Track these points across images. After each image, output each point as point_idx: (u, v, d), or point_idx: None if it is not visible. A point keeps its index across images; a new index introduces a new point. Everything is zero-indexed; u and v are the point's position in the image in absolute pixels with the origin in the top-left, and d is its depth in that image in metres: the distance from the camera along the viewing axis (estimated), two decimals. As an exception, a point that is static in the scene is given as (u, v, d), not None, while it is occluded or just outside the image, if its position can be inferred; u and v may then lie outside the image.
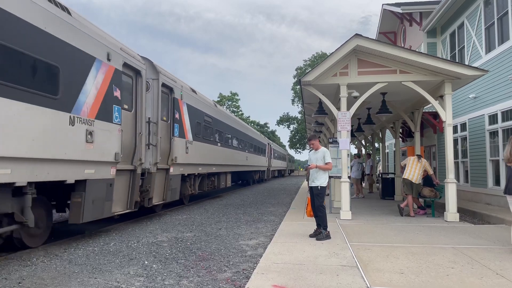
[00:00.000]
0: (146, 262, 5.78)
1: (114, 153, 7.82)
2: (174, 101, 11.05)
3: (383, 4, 19.03)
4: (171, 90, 10.91)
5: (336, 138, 10.49)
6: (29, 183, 5.78)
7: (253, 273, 4.78)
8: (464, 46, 13.70)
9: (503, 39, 11.17)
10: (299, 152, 70.06)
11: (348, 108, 9.81)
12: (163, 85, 10.38)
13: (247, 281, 4.53)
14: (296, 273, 4.73)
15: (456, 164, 14.23)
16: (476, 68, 9.24)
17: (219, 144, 16.37)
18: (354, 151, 25.59)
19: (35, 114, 5.70)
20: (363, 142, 23.96)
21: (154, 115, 9.88)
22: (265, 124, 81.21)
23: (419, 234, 7.37)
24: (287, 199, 16.73)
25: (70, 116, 6.46)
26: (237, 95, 69.36)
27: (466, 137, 13.59)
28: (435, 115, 14.94)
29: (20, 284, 4.71)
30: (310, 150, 7.50)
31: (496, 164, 11.62)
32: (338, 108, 10.07)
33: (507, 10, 10.82)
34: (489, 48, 11.99)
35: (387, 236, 7.14)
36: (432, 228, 8.03)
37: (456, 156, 14.20)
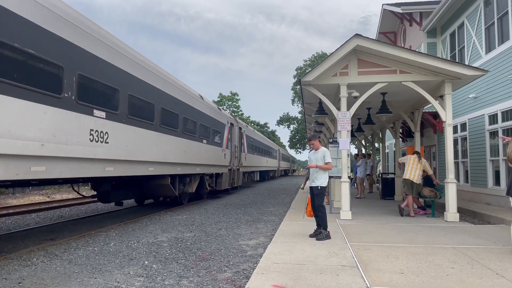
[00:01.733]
0: (146, 262, 5.78)
1: (228, 161, 17.40)
2: (242, 134, 21.16)
3: (383, 4, 19.04)
4: (240, 128, 20.90)
5: (336, 138, 10.49)
6: (215, 173, 15.81)
7: (253, 273, 4.77)
8: (464, 46, 13.70)
9: (503, 39, 11.17)
10: (299, 152, 70.11)
11: (348, 108, 9.81)
12: (239, 127, 20.50)
13: (247, 281, 4.53)
14: (296, 273, 4.73)
15: (456, 164, 14.23)
16: (476, 68, 9.24)
17: (255, 154, 26.46)
18: (354, 151, 25.62)
19: (218, 150, 15.58)
20: (363, 142, 23.95)
21: (236, 141, 19.64)
22: (265, 124, 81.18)
23: (419, 234, 7.37)
24: (287, 199, 16.73)
25: (221, 149, 16.19)
26: (237, 95, 69.32)
27: (466, 137, 13.59)
28: (435, 115, 14.94)
29: (20, 284, 4.71)
30: (310, 150, 7.49)
31: (496, 164, 11.62)
32: (338, 108, 10.07)
33: (507, 10, 10.82)
34: (489, 48, 11.99)
35: (387, 236, 7.14)
36: (432, 228, 8.03)
37: (456, 156, 14.20)
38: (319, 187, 7.06)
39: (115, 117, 8.04)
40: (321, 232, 6.93)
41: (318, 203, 7.05)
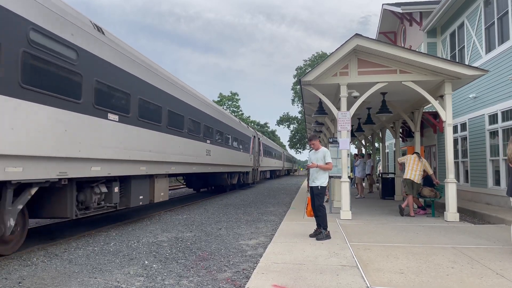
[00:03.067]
0: (146, 262, 5.78)
1: (252, 163, 24.58)
2: (259, 142, 28.33)
3: (383, 4, 19.03)
4: (259, 138, 27.92)
5: (336, 138, 10.49)
6: (245, 171, 23.39)
7: (253, 273, 4.78)
8: (464, 46, 13.70)
9: (503, 39, 11.17)
10: (299, 152, 70.12)
11: (348, 108, 9.81)
12: (258, 138, 27.34)
13: (247, 281, 4.53)
14: (296, 273, 4.73)
15: (456, 164, 14.23)
16: (476, 68, 9.24)
17: (267, 156, 33.94)
18: (354, 151, 25.64)
19: (247, 156, 22.93)
20: (363, 142, 23.95)
21: (256, 148, 26.35)
22: (265, 124, 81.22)
23: (419, 234, 7.37)
24: (287, 199, 16.72)
25: (248, 154, 23.49)
26: (237, 95, 69.32)
27: (466, 137, 13.59)
28: (435, 115, 14.94)
29: (20, 284, 4.71)
30: (310, 150, 7.49)
31: (496, 164, 11.62)
32: (338, 108, 10.07)
33: (507, 10, 10.82)
34: (489, 48, 11.99)
35: (387, 236, 7.14)
36: (432, 228, 8.03)
37: (456, 156, 14.20)
38: (319, 187, 7.06)
39: (213, 142, 15.34)
40: (321, 232, 6.93)
41: (318, 203, 7.05)
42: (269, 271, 4.81)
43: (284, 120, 66.00)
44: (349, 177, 9.72)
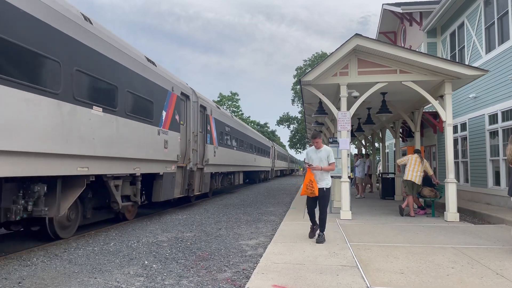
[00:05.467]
0: (146, 262, 5.78)
1: (271, 164, 38.14)
2: (275, 150, 42.42)
3: (383, 4, 19.03)
4: (274, 147, 41.84)
5: (336, 138, 10.49)
6: (267, 170, 38.64)
7: (253, 273, 4.77)
8: (464, 46, 13.70)
9: (503, 39, 11.17)
10: (299, 152, 70.19)
11: (348, 108, 9.81)
12: (274, 147, 41.22)
13: (247, 281, 4.53)
14: (296, 273, 4.73)
15: (456, 164, 14.23)
16: (476, 68, 9.24)
17: (278, 159, 44.20)
18: (354, 151, 25.65)
19: (268, 159, 36.69)
20: (363, 142, 23.95)
21: (273, 154, 40.02)
22: (265, 124, 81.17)
23: (419, 234, 7.37)
24: (287, 199, 16.73)
25: (269, 158, 36.42)
26: (237, 95, 69.35)
27: (466, 137, 13.59)
28: (435, 115, 14.94)
29: (20, 284, 4.71)
30: (310, 147, 7.37)
31: (496, 164, 11.62)
32: (338, 108, 10.07)
33: (507, 10, 10.82)
34: (489, 48, 11.99)
35: (387, 236, 7.14)
36: (432, 228, 8.03)
37: (456, 156, 14.20)
38: (324, 188, 6.80)
39: (256, 153, 27.14)
40: (320, 234, 6.86)
41: (323, 205, 6.87)
42: (269, 271, 4.80)
43: (284, 120, 66.02)
44: (349, 177, 9.72)
